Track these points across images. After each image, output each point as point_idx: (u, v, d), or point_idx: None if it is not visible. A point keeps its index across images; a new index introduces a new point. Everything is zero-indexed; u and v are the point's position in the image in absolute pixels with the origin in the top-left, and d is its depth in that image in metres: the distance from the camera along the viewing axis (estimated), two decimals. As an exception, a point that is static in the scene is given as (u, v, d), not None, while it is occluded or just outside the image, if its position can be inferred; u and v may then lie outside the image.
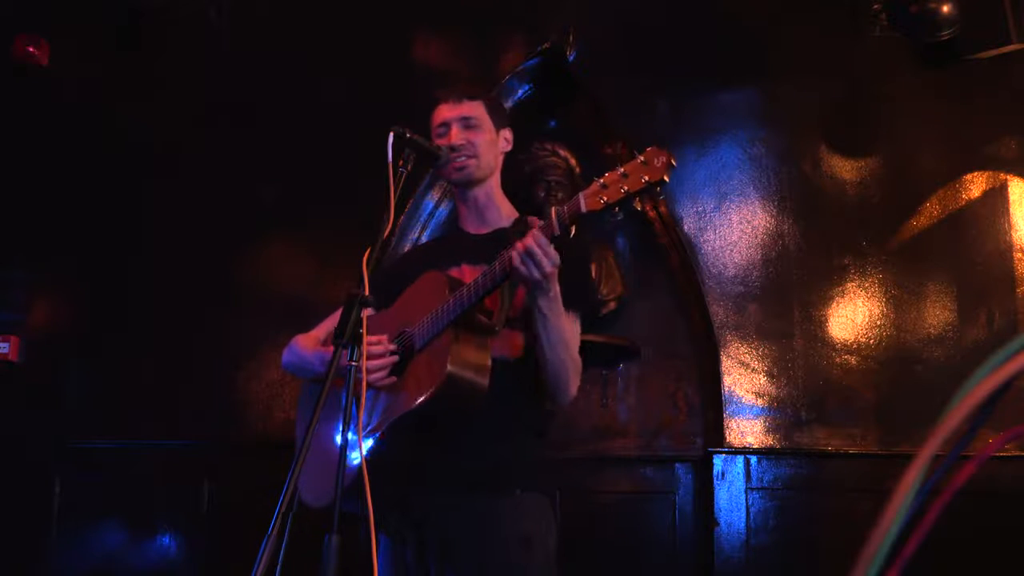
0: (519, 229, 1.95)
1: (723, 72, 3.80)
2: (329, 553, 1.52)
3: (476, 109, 2.13)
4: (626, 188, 1.68)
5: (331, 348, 2.06)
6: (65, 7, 4.26)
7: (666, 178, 1.66)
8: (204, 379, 3.87)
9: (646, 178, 1.67)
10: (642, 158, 1.69)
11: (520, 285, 1.90)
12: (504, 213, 2.17)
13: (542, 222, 1.80)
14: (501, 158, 2.20)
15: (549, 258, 1.77)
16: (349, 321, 1.66)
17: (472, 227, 2.19)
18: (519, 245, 1.77)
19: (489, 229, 2.15)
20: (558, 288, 1.87)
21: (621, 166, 1.70)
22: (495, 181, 2.19)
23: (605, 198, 1.70)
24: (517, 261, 1.77)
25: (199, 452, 3.81)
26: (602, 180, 1.71)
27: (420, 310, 1.96)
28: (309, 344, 2.20)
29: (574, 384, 2.01)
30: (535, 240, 1.76)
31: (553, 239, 1.77)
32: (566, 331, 1.94)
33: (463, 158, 2.08)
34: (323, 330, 2.24)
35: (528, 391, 2.04)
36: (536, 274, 1.77)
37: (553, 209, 1.77)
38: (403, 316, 2.01)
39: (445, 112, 2.12)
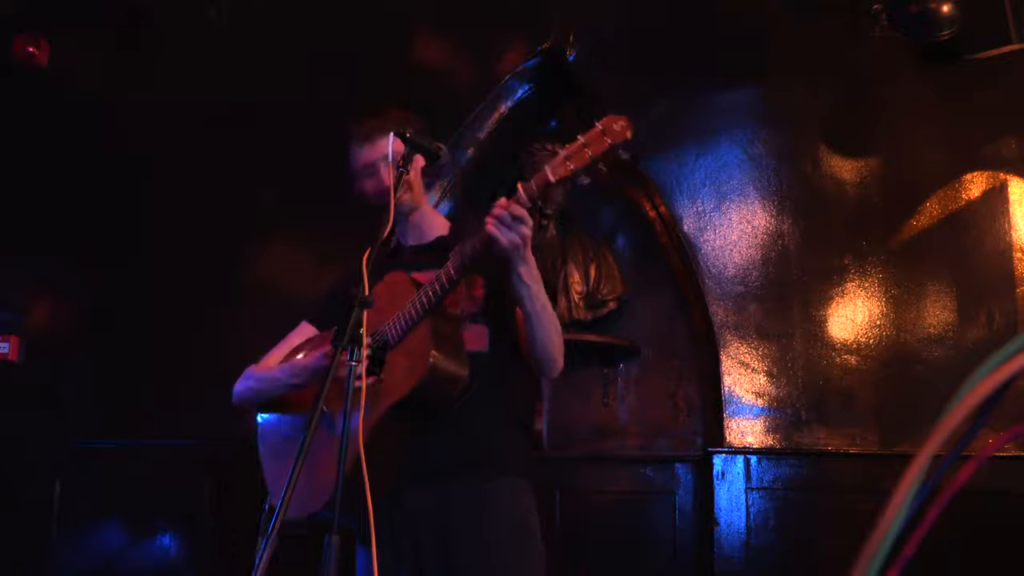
0: (457, 235, 2.03)
1: (723, 72, 3.80)
2: (329, 553, 1.52)
3: (368, 154, 2.10)
4: (591, 153, 1.74)
5: (294, 360, 2.08)
6: (65, 7, 4.26)
7: (628, 135, 1.74)
8: (204, 379, 3.86)
9: (608, 140, 1.73)
10: (600, 126, 1.75)
11: (500, 258, 1.89)
12: (439, 224, 2.22)
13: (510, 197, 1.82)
14: (418, 178, 2.16)
15: (525, 222, 1.80)
16: (349, 322, 1.65)
17: (412, 240, 2.21)
18: (493, 211, 1.80)
19: (430, 239, 2.19)
20: (534, 259, 1.89)
21: (581, 136, 1.75)
22: (425, 199, 2.22)
23: (572, 165, 1.75)
24: (493, 228, 1.79)
25: (199, 452, 3.80)
26: (565, 152, 1.76)
27: (386, 310, 1.95)
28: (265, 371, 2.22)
29: (561, 353, 2.03)
30: (507, 206, 1.79)
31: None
32: (547, 301, 1.96)
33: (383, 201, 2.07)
34: (275, 357, 2.25)
35: (504, 382, 2.06)
36: (515, 237, 1.80)
37: (520, 184, 1.80)
38: (373, 317, 1.98)
39: (353, 159, 2.12)
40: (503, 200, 1.81)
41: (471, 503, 1.97)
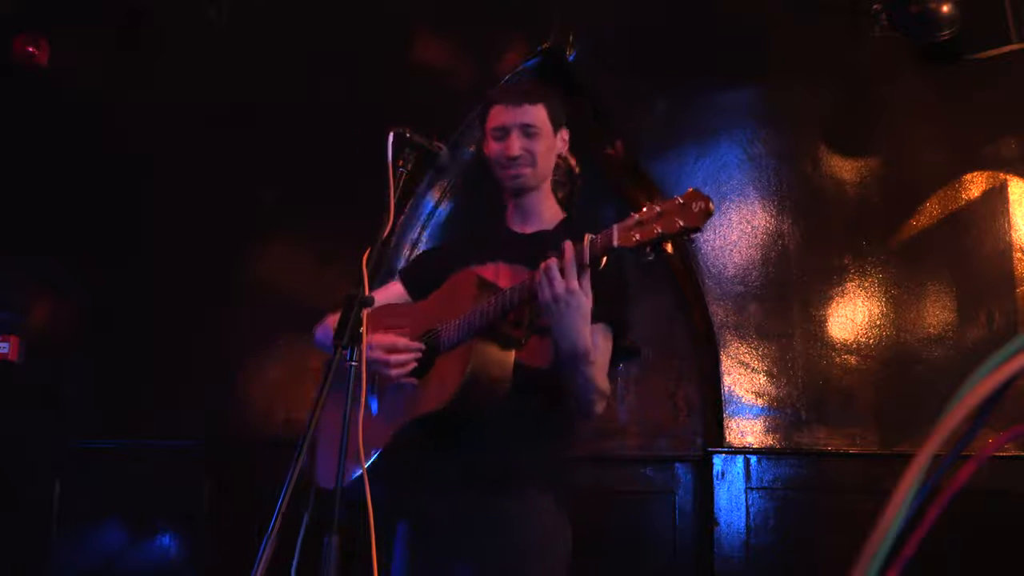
0: (564, 232, 1.94)
1: (723, 72, 3.80)
2: (329, 553, 1.52)
3: (538, 114, 2.05)
4: (660, 229, 1.64)
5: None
6: (65, 7, 4.26)
7: (700, 224, 1.62)
8: (204, 379, 3.87)
9: (681, 223, 1.63)
10: (680, 200, 1.65)
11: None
12: (549, 216, 2.14)
13: (575, 247, 1.76)
14: (555, 160, 2.14)
15: (558, 285, 1.73)
16: (349, 321, 1.65)
17: (516, 225, 2.15)
18: (543, 265, 1.75)
19: (532, 230, 2.13)
20: (579, 320, 1.80)
21: (659, 205, 1.67)
22: (547, 184, 2.15)
23: (638, 236, 1.66)
24: (540, 277, 1.76)
25: (199, 452, 3.80)
26: (638, 216, 1.68)
27: (450, 310, 1.94)
28: None
29: (598, 404, 1.97)
30: (546, 268, 1.74)
31: (582, 267, 1.75)
32: (587, 362, 1.88)
33: (519, 167, 2.04)
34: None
35: (553, 397, 2.00)
36: (546, 295, 1.75)
37: (587, 237, 1.74)
38: (435, 312, 2.00)
39: (504, 116, 2.04)
40: (567, 244, 1.75)
41: (487, 520, 1.94)
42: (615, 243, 1.69)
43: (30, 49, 4.10)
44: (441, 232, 4.06)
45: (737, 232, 3.69)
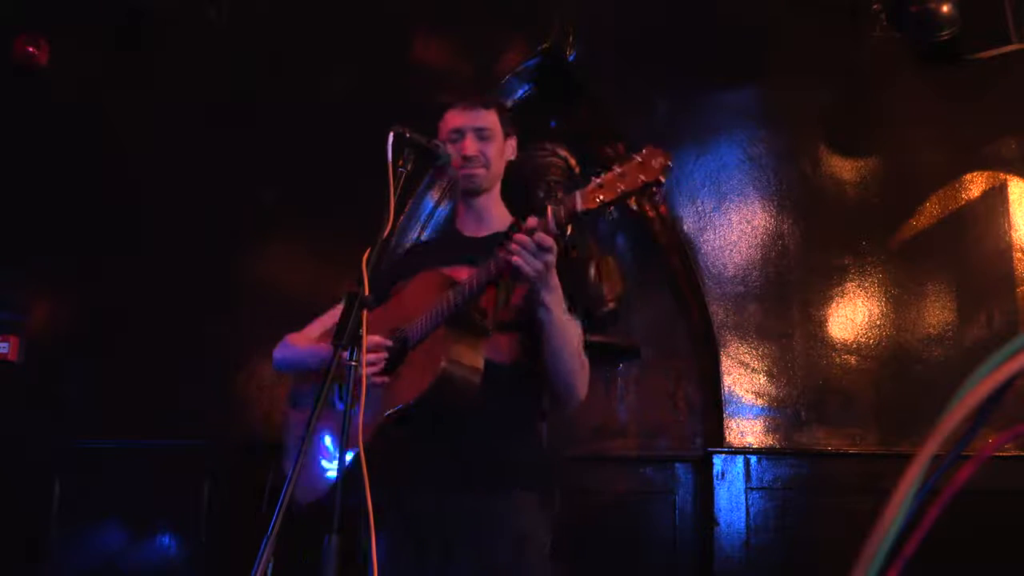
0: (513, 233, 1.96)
1: (723, 72, 3.80)
2: (329, 553, 1.52)
3: (490, 119, 2.14)
4: (622, 188, 1.68)
5: (325, 344, 2.08)
6: (65, 7, 4.26)
7: (662, 179, 1.66)
8: (204, 379, 3.87)
9: (642, 178, 1.67)
10: (639, 158, 1.69)
11: (519, 284, 1.90)
12: (500, 218, 2.19)
13: (539, 219, 1.79)
14: (504, 165, 2.21)
15: (550, 250, 1.77)
16: (348, 321, 1.65)
17: (469, 230, 2.20)
18: (516, 238, 1.78)
19: (486, 232, 2.17)
20: (559, 283, 1.87)
21: (618, 166, 1.70)
22: (497, 188, 2.22)
23: (601, 197, 1.70)
24: (516, 257, 1.77)
25: (199, 452, 3.80)
26: (599, 180, 1.71)
27: (416, 308, 1.97)
28: (301, 341, 2.22)
29: (583, 385, 2.01)
30: (530, 234, 1.77)
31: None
32: (570, 329, 1.94)
33: (474, 167, 2.11)
34: (316, 328, 2.26)
35: (521, 393, 2.04)
36: (539, 265, 1.77)
37: (549, 207, 1.77)
38: (399, 314, 2.03)
39: (459, 119, 2.13)
40: (532, 221, 1.77)
41: (471, 518, 1.95)
42: (579, 208, 1.72)
43: (30, 49, 4.10)
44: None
45: (737, 232, 3.69)
